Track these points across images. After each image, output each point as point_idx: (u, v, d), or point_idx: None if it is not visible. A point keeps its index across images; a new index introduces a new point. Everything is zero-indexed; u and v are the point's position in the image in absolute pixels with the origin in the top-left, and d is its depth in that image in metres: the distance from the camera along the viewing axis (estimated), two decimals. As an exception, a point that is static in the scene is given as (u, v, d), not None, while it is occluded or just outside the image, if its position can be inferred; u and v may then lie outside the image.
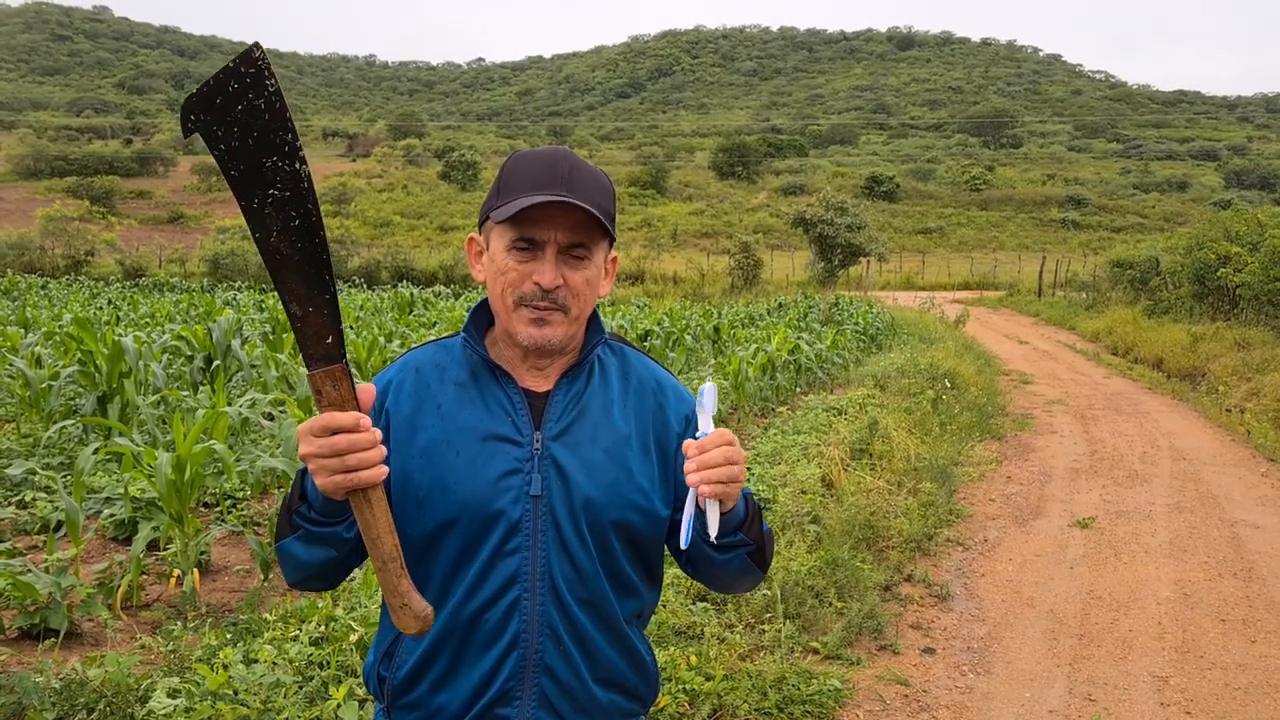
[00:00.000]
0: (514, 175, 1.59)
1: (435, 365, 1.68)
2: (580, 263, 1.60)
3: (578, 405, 1.65)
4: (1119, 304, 23.77)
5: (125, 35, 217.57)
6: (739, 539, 1.57)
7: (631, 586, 1.67)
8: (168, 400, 7.84)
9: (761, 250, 37.49)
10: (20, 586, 4.11)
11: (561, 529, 1.59)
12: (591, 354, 1.69)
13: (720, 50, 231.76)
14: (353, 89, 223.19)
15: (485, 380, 1.65)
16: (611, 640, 1.64)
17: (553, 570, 1.58)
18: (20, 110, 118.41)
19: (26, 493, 6.21)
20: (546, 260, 1.56)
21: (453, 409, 1.62)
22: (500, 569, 1.57)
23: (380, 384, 1.68)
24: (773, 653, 4.46)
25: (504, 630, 1.57)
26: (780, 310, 21.98)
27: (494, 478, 1.58)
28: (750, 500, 1.61)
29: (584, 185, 1.57)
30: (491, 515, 1.57)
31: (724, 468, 1.44)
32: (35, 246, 37.46)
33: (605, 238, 1.63)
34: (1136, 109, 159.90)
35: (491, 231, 1.62)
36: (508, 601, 1.57)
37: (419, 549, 1.60)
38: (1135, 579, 6.00)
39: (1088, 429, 10.92)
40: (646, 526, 1.64)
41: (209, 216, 56.05)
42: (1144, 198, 73.83)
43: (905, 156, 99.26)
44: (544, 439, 1.61)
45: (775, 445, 7.88)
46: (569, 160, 1.59)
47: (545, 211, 1.54)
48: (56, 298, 24.88)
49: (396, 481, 1.60)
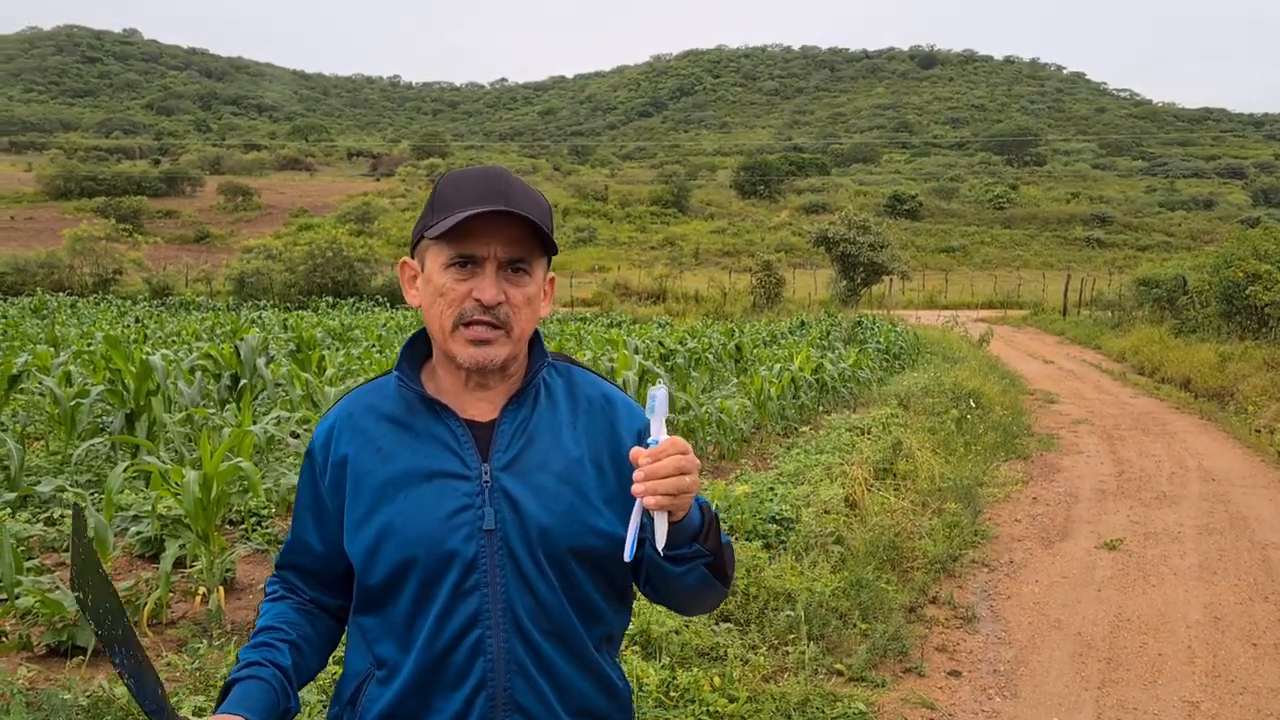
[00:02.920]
0: (449, 193, 1.53)
1: (368, 407, 1.63)
2: (521, 278, 1.54)
3: (525, 432, 1.59)
4: (1145, 323, 23.55)
5: (154, 57, 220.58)
6: (694, 550, 1.49)
7: (597, 612, 1.61)
8: (194, 418, 7.91)
9: (784, 269, 37.51)
10: (49, 604, 4.15)
11: (519, 562, 1.53)
12: (536, 378, 1.63)
13: (742, 69, 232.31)
14: (377, 109, 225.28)
15: (423, 416, 1.59)
16: (581, 669, 1.59)
17: (514, 605, 1.53)
18: (51, 131, 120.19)
19: (55, 510, 6.27)
20: (487, 276, 1.51)
21: (393, 449, 1.57)
22: (461, 609, 1.52)
23: (318, 436, 1.64)
24: (796, 674, 4.43)
25: (470, 671, 1.52)
26: (802, 329, 21.93)
27: (444, 516, 1.52)
28: (707, 509, 1.54)
29: (522, 200, 1.51)
30: (445, 555, 1.51)
31: (673, 479, 1.38)
32: (64, 265, 37.97)
33: (545, 255, 1.58)
34: (1162, 126, 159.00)
35: (427, 252, 1.56)
36: (471, 641, 1.52)
37: (376, 598, 1.56)
38: (1164, 602, 5.92)
39: (1114, 449, 10.82)
40: (608, 549, 1.56)
41: (234, 236, 56.66)
42: (1170, 216, 73.29)
43: (928, 175, 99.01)
44: (492, 470, 1.55)
45: (798, 464, 7.85)
46: (505, 177, 1.54)
47: (484, 225, 1.49)
48: (85, 316, 25.19)
49: (347, 530, 1.58)
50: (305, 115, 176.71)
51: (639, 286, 39.33)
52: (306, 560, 1.69)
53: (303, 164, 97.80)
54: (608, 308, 35.79)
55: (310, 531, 1.66)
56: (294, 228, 56.05)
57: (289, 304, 33.96)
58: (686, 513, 1.45)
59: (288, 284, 35.64)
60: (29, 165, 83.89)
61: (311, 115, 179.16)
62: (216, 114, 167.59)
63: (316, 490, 1.64)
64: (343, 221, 54.63)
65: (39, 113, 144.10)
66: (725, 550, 1.57)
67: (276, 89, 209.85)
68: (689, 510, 1.46)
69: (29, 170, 80.00)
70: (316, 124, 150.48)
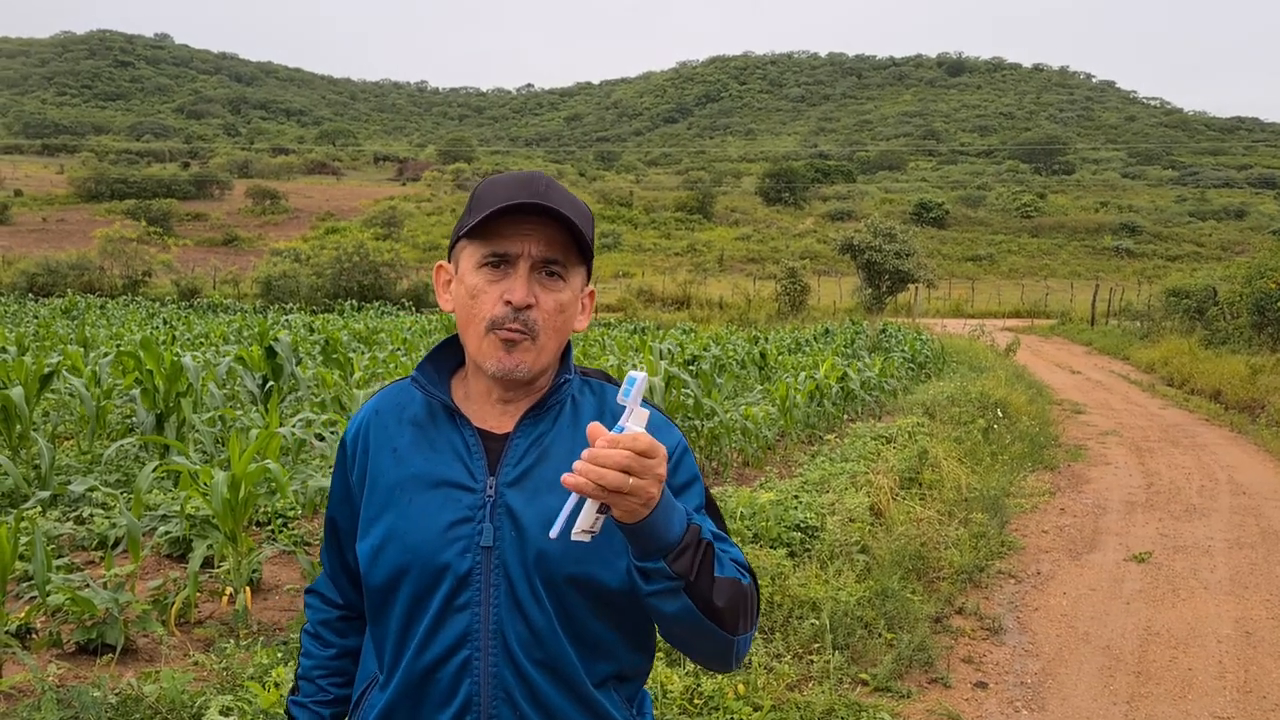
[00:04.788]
0: (486, 194, 1.50)
1: (395, 406, 1.62)
2: (554, 282, 1.49)
3: (539, 447, 1.52)
4: (1175, 334, 23.32)
5: (185, 61, 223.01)
6: (658, 567, 1.35)
7: (602, 648, 1.52)
8: (223, 419, 7.98)
9: (808, 276, 37.42)
10: (79, 602, 4.18)
11: (514, 584, 1.47)
12: (559, 392, 1.56)
13: (768, 76, 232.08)
14: (404, 114, 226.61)
15: (441, 421, 1.56)
16: (576, 705, 1.50)
17: (504, 629, 1.47)
18: (83, 134, 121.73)
19: (84, 509, 6.33)
20: (519, 275, 1.47)
21: (408, 452, 1.55)
22: (450, 625, 1.48)
23: (349, 430, 1.65)
24: (821, 683, 4.41)
25: (456, 691, 1.48)
26: (827, 337, 21.87)
27: (442, 527, 1.49)
28: (695, 530, 1.39)
29: (560, 201, 1.47)
30: (439, 568, 1.48)
31: (612, 473, 1.24)
32: (94, 267, 38.46)
33: (582, 262, 1.53)
34: (1192, 136, 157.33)
35: (462, 253, 1.53)
36: (458, 661, 1.48)
37: (377, 601, 1.56)
38: (1194, 616, 5.85)
39: (1143, 461, 10.71)
40: (613, 582, 1.48)
41: (262, 239, 57.15)
42: (1200, 225, 72.54)
43: (955, 183, 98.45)
44: (498, 484, 1.50)
45: (823, 472, 7.81)
46: (545, 179, 1.50)
47: (519, 224, 1.46)
48: (114, 317, 25.47)
49: (359, 529, 1.57)
50: (333, 120, 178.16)
51: (663, 293, 39.35)
52: (339, 563, 1.71)
53: (330, 168, 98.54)
54: (631, 314, 35.83)
55: (346, 520, 1.66)
56: (320, 231, 56.50)
57: (314, 307, 34.21)
58: (637, 517, 1.30)
59: (314, 287, 35.91)
60: (61, 167, 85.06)
61: (339, 120, 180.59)
62: (245, 118, 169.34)
63: (348, 483, 1.64)
64: (368, 226, 54.98)
65: (71, 116, 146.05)
66: (719, 587, 1.40)
67: (306, 94, 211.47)
68: (646, 517, 1.31)
69: (61, 172, 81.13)
70: (344, 129, 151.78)
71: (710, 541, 1.42)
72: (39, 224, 60.38)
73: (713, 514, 1.60)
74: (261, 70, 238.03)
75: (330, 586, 1.75)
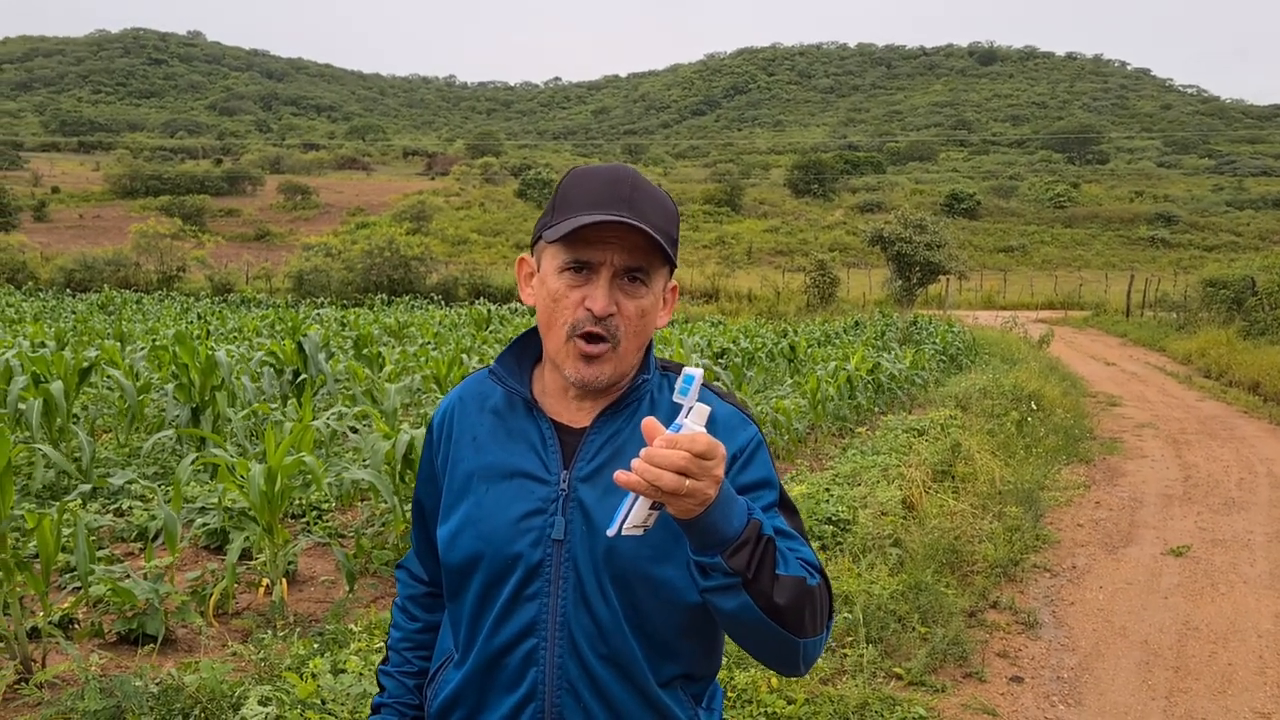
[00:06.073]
0: (572, 192, 1.48)
1: (478, 394, 1.64)
2: (637, 288, 1.48)
3: (614, 444, 1.52)
4: (1212, 325, 22.97)
5: (217, 59, 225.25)
6: (715, 562, 1.32)
7: (670, 648, 1.52)
8: (257, 413, 8.06)
9: (838, 268, 37.20)
10: (120, 592, 4.24)
11: (582, 578, 1.48)
12: (638, 390, 1.56)
13: (797, 67, 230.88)
14: (433, 109, 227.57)
15: (520, 412, 1.58)
16: (640, 702, 1.51)
17: (570, 622, 1.49)
18: (118, 131, 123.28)
19: (123, 501, 6.42)
20: (600, 284, 1.46)
21: (486, 441, 1.57)
22: (518, 614, 1.50)
23: (437, 415, 1.67)
24: (854, 677, 4.39)
25: (521, 679, 1.51)
26: (857, 329, 21.75)
27: (515, 517, 1.51)
28: (755, 525, 1.35)
29: (645, 207, 1.45)
30: (511, 557, 1.50)
31: (668, 475, 1.22)
32: (130, 263, 38.92)
33: (665, 265, 1.51)
34: (1230, 124, 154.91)
35: (544, 252, 1.52)
36: (524, 650, 1.50)
37: (453, 583, 1.58)
38: (1234, 610, 5.77)
39: (1180, 454, 10.57)
40: (681, 582, 1.46)
41: (294, 234, 57.62)
42: (1238, 215, 71.39)
43: (986, 173, 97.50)
44: (572, 478, 1.51)
45: (854, 466, 7.79)
46: (631, 179, 1.48)
47: (602, 232, 1.44)
48: (149, 312, 25.79)
49: (441, 513, 1.60)
50: (362, 115, 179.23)
51: (691, 285, 39.25)
52: (425, 542, 1.74)
53: (360, 163, 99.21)
54: (660, 306, 35.71)
55: (431, 501, 1.69)
56: (351, 226, 56.87)
57: (345, 301, 34.45)
58: (692, 515, 1.28)
59: (345, 281, 36.14)
60: (97, 165, 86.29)
61: (368, 115, 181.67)
62: (277, 114, 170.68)
63: (433, 466, 1.67)
64: (398, 220, 55.26)
65: (107, 114, 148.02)
66: (780, 583, 1.36)
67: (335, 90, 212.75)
68: (701, 514, 1.28)
69: (97, 169, 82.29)
70: (373, 124, 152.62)
71: (771, 538, 1.37)
72: (76, 220, 61.26)
73: (787, 512, 1.55)
74: (292, 66, 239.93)
75: (417, 563, 1.80)
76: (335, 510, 6.61)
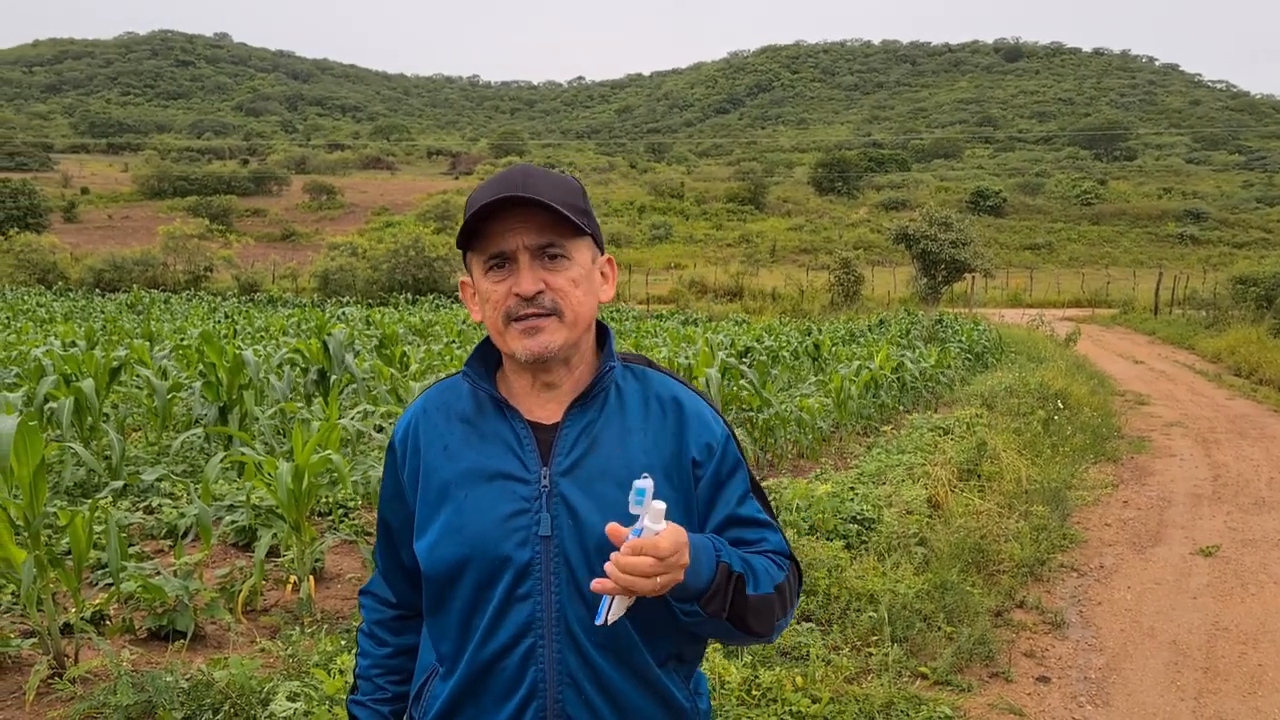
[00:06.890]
0: (472, 197, 1.53)
1: (442, 404, 1.64)
2: (559, 263, 1.51)
3: (589, 436, 1.55)
4: (1242, 323, 22.71)
5: (243, 60, 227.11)
6: (691, 609, 1.46)
7: (663, 628, 1.55)
8: (283, 411, 8.12)
9: (862, 266, 37.04)
10: (150, 589, 4.30)
11: (575, 572, 1.50)
12: (603, 380, 1.59)
13: (821, 65, 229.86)
14: (457, 108, 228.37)
15: (490, 415, 1.59)
16: (640, 686, 1.55)
17: (567, 616, 1.50)
18: (146, 132, 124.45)
19: (153, 499, 6.49)
20: (521, 268, 1.50)
21: (459, 447, 1.58)
22: (513, 615, 1.51)
23: (398, 430, 1.67)
24: (880, 676, 4.38)
25: (521, 680, 1.51)
26: (881, 327, 21.65)
27: (500, 518, 1.51)
28: (724, 569, 1.47)
29: (541, 186, 1.49)
30: (499, 559, 1.50)
31: (641, 581, 1.33)
32: (158, 263, 39.35)
33: (580, 235, 1.54)
34: (1260, 119, 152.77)
35: (472, 265, 1.57)
36: (523, 650, 1.51)
37: (436, 594, 1.58)
38: (1264, 611, 5.71)
39: (1209, 453, 10.46)
40: None
41: (319, 234, 58.03)
42: (1269, 212, 70.43)
43: (1012, 170, 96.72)
44: (552, 475, 1.52)
45: (879, 464, 7.76)
46: (524, 169, 1.52)
47: (505, 220, 1.48)
48: (177, 312, 26.05)
49: (417, 527, 1.59)
50: (387, 115, 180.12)
51: (715, 284, 39.23)
52: (393, 562, 1.73)
53: (384, 163, 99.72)
54: (683, 305, 35.79)
55: (398, 519, 1.68)
56: (376, 225, 57.20)
57: (370, 300, 34.65)
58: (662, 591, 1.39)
59: (370, 280, 36.34)
60: (125, 166, 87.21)
61: (393, 115, 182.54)
62: (302, 115, 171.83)
63: (399, 482, 1.66)
64: (423, 220, 55.50)
65: (135, 115, 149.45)
66: (751, 605, 1.50)
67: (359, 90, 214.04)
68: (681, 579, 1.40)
69: (125, 170, 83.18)
70: (398, 124, 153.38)
71: (742, 574, 1.50)
72: (105, 221, 61.96)
73: (759, 497, 1.65)
74: (317, 67, 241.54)
75: (384, 586, 1.78)
76: (361, 508, 6.66)
